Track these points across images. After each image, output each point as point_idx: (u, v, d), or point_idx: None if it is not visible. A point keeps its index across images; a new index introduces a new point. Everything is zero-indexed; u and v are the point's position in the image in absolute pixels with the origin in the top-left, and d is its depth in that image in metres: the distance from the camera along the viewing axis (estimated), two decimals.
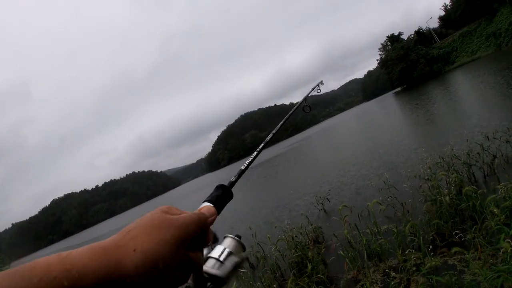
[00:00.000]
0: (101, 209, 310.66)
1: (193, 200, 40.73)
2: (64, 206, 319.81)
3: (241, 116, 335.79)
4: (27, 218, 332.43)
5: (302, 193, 13.40)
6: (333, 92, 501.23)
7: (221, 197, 0.75)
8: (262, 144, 1.07)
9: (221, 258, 0.69)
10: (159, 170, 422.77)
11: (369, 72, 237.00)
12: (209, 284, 0.65)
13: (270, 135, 1.19)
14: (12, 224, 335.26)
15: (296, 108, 1.61)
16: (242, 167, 0.92)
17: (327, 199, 9.78)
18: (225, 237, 0.75)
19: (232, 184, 0.81)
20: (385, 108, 44.19)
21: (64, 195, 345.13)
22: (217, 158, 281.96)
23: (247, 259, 0.73)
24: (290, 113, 1.49)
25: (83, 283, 0.43)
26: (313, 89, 2.02)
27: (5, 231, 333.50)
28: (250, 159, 0.98)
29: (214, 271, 0.67)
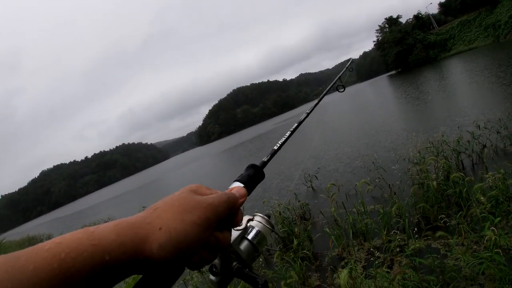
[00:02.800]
0: (90, 181, 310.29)
1: (183, 172, 40.71)
2: (53, 177, 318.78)
3: (233, 90, 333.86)
4: (16, 189, 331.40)
5: (290, 169, 13.50)
6: (327, 70, 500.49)
7: (253, 177, 0.72)
8: (296, 124, 1.00)
9: (250, 237, 0.68)
10: (149, 143, 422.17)
11: (364, 53, 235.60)
12: (235, 263, 0.64)
13: (304, 115, 1.11)
14: (1, 196, 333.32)
15: (331, 87, 1.64)
16: (275, 147, 0.87)
17: (316, 176, 9.83)
18: (254, 215, 0.73)
19: (264, 164, 0.78)
20: (379, 90, 44.27)
21: (54, 166, 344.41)
22: (207, 132, 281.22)
23: (279, 237, 0.75)
24: (324, 92, 1.47)
25: (111, 258, 0.43)
26: (346, 67, 2.07)
27: None
28: (284, 139, 0.93)
29: (245, 254, 0.65)
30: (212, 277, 0.65)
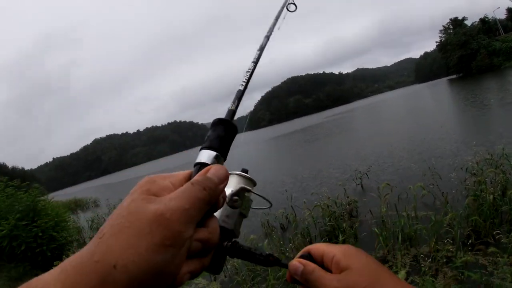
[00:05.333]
0: (140, 153, 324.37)
1: (230, 155, 41.35)
2: (104, 146, 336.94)
3: (288, 79, 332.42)
4: (68, 154, 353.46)
5: (341, 165, 13.40)
6: (385, 68, 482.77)
7: (226, 138, 0.55)
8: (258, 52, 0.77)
9: (232, 204, 0.55)
10: (199, 122, 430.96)
11: (425, 53, 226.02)
12: (226, 242, 0.53)
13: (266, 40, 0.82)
14: (53, 158, 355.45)
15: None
16: (240, 87, 0.66)
17: (367, 175, 9.76)
18: (230, 175, 0.56)
19: (233, 114, 0.61)
20: (438, 93, 42.49)
21: (106, 135, 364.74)
22: (258, 118, 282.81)
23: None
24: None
25: None
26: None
27: (46, 164, 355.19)
28: (248, 74, 0.71)
29: (228, 223, 0.54)
30: None
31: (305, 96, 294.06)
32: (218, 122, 0.56)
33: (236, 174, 0.59)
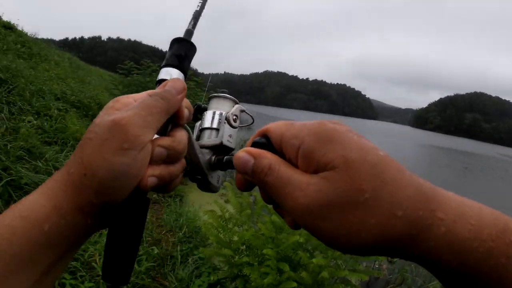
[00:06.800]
0: (299, 99, 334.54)
1: (382, 141, 39.59)
2: (272, 80, 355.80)
3: (473, 93, 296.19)
4: (238, 73, 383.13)
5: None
6: None
7: (184, 56, 0.52)
8: None
9: (214, 125, 0.55)
10: (366, 96, 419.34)
11: None
12: (213, 157, 0.54)
13: None
14: (224, 72, 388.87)
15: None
16: (197, 8, 0.57)
17: None
18: (209, 99, 0.60)
19: (191, 34, 0.54)
20: None
21: (277, 71, 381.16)
22: (426, 118, 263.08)
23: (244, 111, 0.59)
24: None
25: (50, 227, 0.37)
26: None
27: (216, 74, 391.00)
28: None
29: (211, 141, 0.54)
30: (197, 184, 0.55)
31: (485, 119, 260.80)
32: (176, 40, 0.53)
33: (229, 98, 0.59)
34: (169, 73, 0.50)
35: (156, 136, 0.43)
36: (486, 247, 0.30)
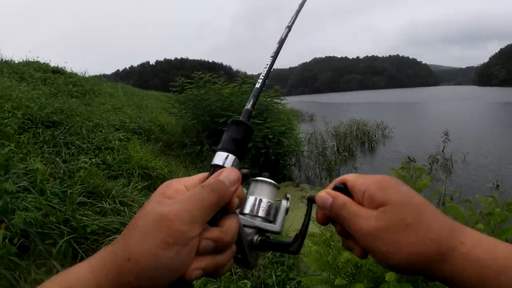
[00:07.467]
0: (354, 80, 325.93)
1: (447, 109, 37.12)
2: (322, 66, 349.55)
3: None
4: (287, 67, 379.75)
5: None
6: None
7: (242, 140, 0.53)
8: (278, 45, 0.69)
9: (255, 212, 0.56)
10: (423, 62, 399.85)
11: None
12: (256, 237, 0.54)
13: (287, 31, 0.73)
14: (273, 68, 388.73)
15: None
16: (257, 85, 0.60)
17: None
18: (251, 182, 0.59)
19: (250, 114, 0.56)
20: None
21: (326, 56, 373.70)
22: (490, 74, 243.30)
23: (287, 198, 0.61)
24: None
25: None
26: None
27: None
28: (266, 70, 0.64)
29: (269, 227, 0.55)
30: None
31: None
32: (234, 123, 0.53)
33: (256, 180, 0.59)
34: (224, 159, 0.50)
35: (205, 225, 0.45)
36: (499, 265, 0.41)
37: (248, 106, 0.57)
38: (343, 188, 0.52)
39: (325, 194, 0.52)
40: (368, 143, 15.63)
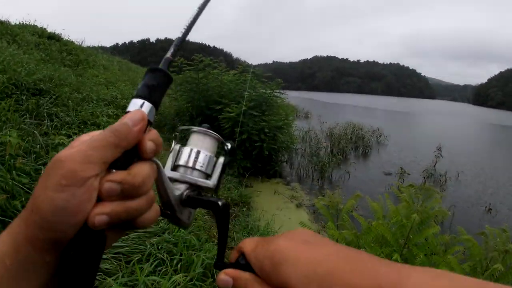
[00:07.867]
0: (353, 82, 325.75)
1: (439, 124, 37.53)
2: (322, 64, 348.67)
3: None
4: (287, 61, 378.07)
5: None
6: None
7: (157, 87, 0.49)
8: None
9: (190, 164, 0.53)
10: (422, 74, 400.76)
11: None
12: (186, 192, 0.52)
13: None
14: (273, 61, 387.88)
15: None
16: (180, 34, 0.55)
17: None
18: (191, 133, 0.57)
19: (169, 63, 0.52)
20: None
21: (327, 55, 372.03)
22: (487, 95, 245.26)
23: (233, 149, 0.57)
24: None
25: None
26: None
27: (265, 64, 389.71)
28: (191, 20, 0.56)
29: (200, 182, 0.53)
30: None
31: None
32: (151, 70, 0.50)
33: (195, 130, 0.57)
34: (136, 105, 0.46)
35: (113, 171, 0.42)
36: None
37: (168, 54, 0.52)
38: (245, 264, 0.46)
39: (225, 277, 0.45)
40: (363, 148, 15.50)
